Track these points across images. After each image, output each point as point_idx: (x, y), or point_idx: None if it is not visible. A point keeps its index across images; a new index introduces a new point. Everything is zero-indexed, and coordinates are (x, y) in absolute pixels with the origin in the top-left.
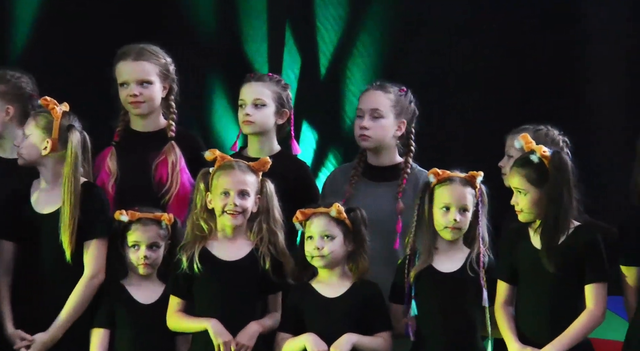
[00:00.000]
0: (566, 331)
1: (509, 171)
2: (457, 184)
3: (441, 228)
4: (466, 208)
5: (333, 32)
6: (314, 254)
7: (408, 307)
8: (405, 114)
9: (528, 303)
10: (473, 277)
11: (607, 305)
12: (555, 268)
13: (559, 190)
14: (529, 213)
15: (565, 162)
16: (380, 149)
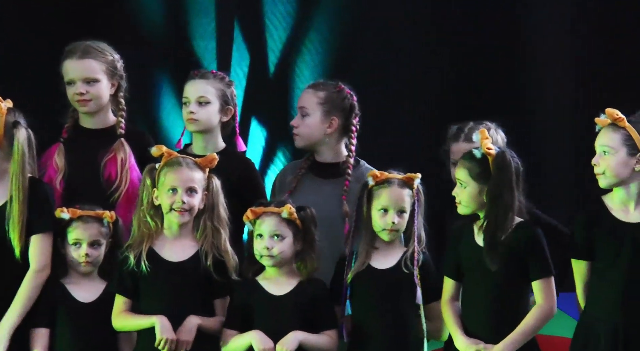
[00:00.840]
0: (518, 328)
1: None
2: (395, 186)
3: (379, 230)
4: (404, 209)
5: (282, 29)
6: (263, 254)
7: (343, 307)
8: (337, 111)
9: (472, 299)
10: (407, 275)
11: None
12: (497, 266)
13: (499, 189)
14: (466, 206)
15: (508, 162)
16: (316, 146)
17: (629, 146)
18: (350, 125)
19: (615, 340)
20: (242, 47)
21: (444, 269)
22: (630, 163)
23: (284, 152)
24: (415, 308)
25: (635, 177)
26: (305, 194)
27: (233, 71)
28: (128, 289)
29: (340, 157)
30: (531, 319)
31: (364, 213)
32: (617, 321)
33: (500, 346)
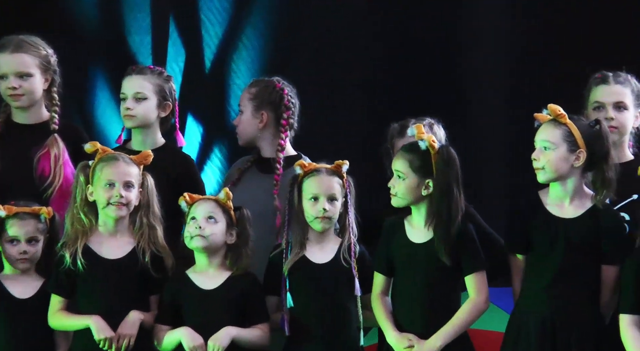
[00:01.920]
0: (450, 321)
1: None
2: (324, 174)
3: (311, 219)
4: (334, 197)
5: (218, 24)
6: (194, 234)
7: (283, 300)
8: (266, 105)
9: (404, 294)
10: (346, 267)
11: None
12: (451, 260)
13: (449, 183)
14: (402, 198)
15: (453, 156)
16: (255, 142)
17: (570, 142)
18: (281, 119)
19: (545, 333)
20: (178, 42)
21: (374, 265)
22: (570, 159)
23: (221, 148)
24: (354, 299)
25: (573, 173)
26: (247, 188)
27: (169, 66)
28: (64, 289)
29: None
30: (464, 313)
31: (295, 204)
32: (546, 314)
33: (432, 339)
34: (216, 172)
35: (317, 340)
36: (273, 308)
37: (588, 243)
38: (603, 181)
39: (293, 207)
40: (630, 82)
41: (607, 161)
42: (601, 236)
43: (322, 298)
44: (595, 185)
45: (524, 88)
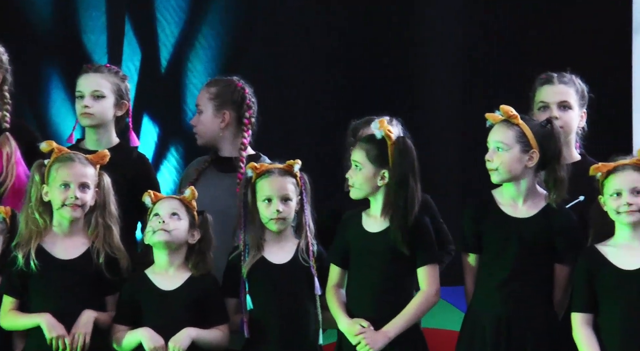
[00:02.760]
0: (402, 313)
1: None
2: (276, 175)
3: (266, 220)
4: (288, 197)
5: (174, 23)
6: (157, 228)
7: (242, 302)
8: (228, 105)
9: (358, 286)
10: (305, 267)
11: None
12: (409, 250)
13: (405, 174)
14: (359, 189)
15: (410, 147)
16: (215, 142)
17: (522, 143)
18: (243, 118)
19: (499, 332)
20: (134, 41)
21: (329, 257)
22: (523, 160)
23: (177, 148)
24: (313, 299)
25: (527, 173)
26: (206, 188)
27: (124, 65)
28: (16, 290)
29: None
30: (415, 304)
31: (250, 206)
32: (501, 313)
33: (383, 330)
34: (172, 172)
35: (276, 341)
36: (232, 310)
37: (541, 243)
38: (555, 181)
39: (248, 209)
40: (575, 82)
41: (559, 161)
42: (554, 235)
43: (281, 298)
44: (548, 184)
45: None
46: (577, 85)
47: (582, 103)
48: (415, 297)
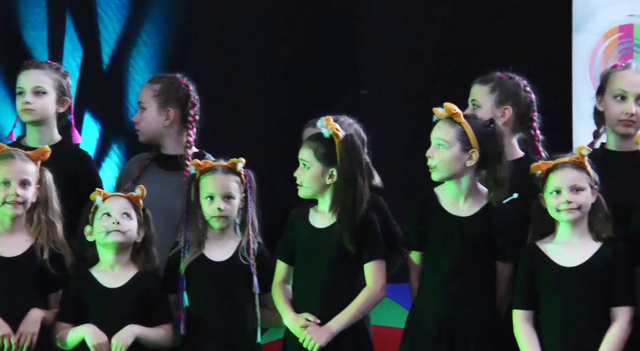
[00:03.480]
0: (347, 308)
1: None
2: (219, 173)
3: (209, 218)
4: (231, 195)
5: (116, 20)
6: (111, 229)
7: (180, 299)
8: (172, 102)
9: (305, 282)
10: (245, 265)
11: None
12: (355, 248)
13: (353, 171)
14: (308, 187)
15: (357, 145)
16: (158, 139)
17: (463, 141)
18: (188, 116)
19: (441, 330)
20: (75, 38)
21: (276, 253)
22: (463, 159)
23: (119, 145)
24: (252, 297)
25: (467, 172)
26: (149, 185)
27: (65, 62)
28: None
29: (183, 149)
30: (360, 300)
31: (193, 203)
32: (443, 311)
33: (327, 325)
34: (115, 169)
35: (214, 338)
36: (173, 306)
37: (482, 241)
38: (495, 181)
39: (190, 205)
40: (500, 83)
41: (500, 161)
42: (494, 233)
43: (218, 296)
44: (488, 184)
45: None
46: (500, 85)
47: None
48: (361, 293)
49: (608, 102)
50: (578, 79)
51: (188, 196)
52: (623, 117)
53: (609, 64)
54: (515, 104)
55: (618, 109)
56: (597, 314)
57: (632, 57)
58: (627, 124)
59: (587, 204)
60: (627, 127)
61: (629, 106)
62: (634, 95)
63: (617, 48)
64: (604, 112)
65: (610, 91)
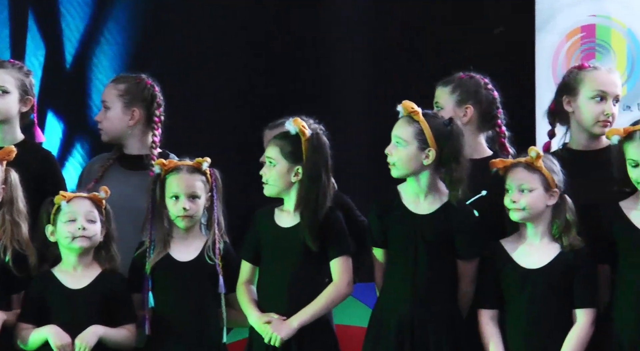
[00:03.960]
0: (311, 303)
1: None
2: (184, 172)
3: (174, 217)
4: (196, 195)
5: (79, 18)
6: (77, 235)
7: (145, 299)
8: (137, 102)
9: (268, 278)
10: (211, 265)
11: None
12: (317, 246)
13: (318, 169)
14: (273, 185)
15: (324, 142)
16: (121, 139)
17: (420, 140)
18: (153, 116)
19: (403, 329)
20: (37, 36)
21: (241, 253)
22: (420, 157)
23: (82, 144)
24: (217, 297)
25: (425, 170)
26: (112, 185)
27: (28, 61)
28: None
29: (147, 149)
30: (324, 296)
31: (158, 203)
32: (404, 310)
33: (291, 319)
34: (78, 168)
35: (179, 339)
36: (136, 306)
37: (442, 239)
38: (452, 180)
39: (156, 205)
40: (460, 83)
41: (457, 161)
42: (453, 232)
43: (184, 296)
44: (446, 183)
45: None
46: (462, 86)
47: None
48: (326, 289)
49: (583, 103)
50: (541, 79)
51: (153, 196)
52: (602, 118)
53: (571, 64)
54: (476, 102)
55: (597, 109)
56: (559, 315)
57: (594, 57)
58: (604, 124)
59: (536, 206)
60: (604, 127)
61: (608, 107)
62: (612, 95)
63: (579, 48)
64: (575, 112)
65: (587, 92)
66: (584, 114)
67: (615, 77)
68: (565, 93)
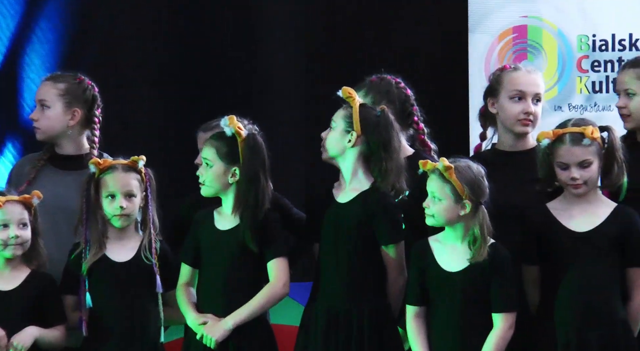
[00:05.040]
0: (247, 304)
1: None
2: (120, 171)
3: (110, 217)
4: (132, 193)
5: (9, 16)
6: (11, 243)
7: (82, 300)
8: (78, 103)
9: (208, 284)
10: (147, 264)
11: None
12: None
13: (254, 170)
14: (209, 186)
15: (260, 143)
16: (57, 138)
17: (348, 123)
18: (93, 116)
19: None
20: None
21: (181, 256)
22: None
23: (15, 144)
24: (155, 297)
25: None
26: (46, 186)
27: None
28: None
29: (82, 150)
30: (260, 296)
31: (92, 202)
32: (331, 304)
33: (226, 319)
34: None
35: (116, 339)
36: (71, 307)
37: (362, 227)
38: (380, 170)
39: (90, 205)
40: (371, 86)
41: (386, 150)
42: (370, 218)
43: (121, 296)
44: (374, 174)
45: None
46: (377, 87)
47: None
48: (262, 289)
49: (504, 104)
50: (474, 79)
51: (87, 196)
52: (522, 117)
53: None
54: (389, 102)
55: (516, 109)
56: (480, 318)
57: (525, 58)
58: (525, 123)
59: (445, 215)
60: (526, 126)
61: (527, 106)
62: (531, 94)
63: (511, 49)
64: (499, 113)
65: (507, 92)
66: (505, 114)
67: (535, 77)
68: (489, 95)
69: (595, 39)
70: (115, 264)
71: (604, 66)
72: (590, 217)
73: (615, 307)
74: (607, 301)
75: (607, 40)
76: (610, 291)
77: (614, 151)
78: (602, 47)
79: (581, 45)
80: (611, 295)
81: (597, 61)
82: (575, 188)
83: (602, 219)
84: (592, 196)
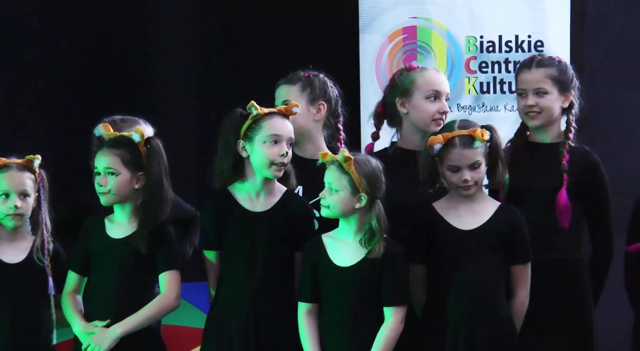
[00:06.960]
0: (136, 313)
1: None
2: (14, 170)
3: (3, 217)
4: (26, 193)
5: None
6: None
7: None
8: None
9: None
10: (40, 266)
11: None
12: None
13: (159, 175)
14: (115, 195)
15: (161, 148)
16: None
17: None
18: None
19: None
20: None
21: (69, 263)
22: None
23: None
24: (47, 299)
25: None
26: None
27: None
28: None
29: None
30: (151, 306)
31: None
32: (245, 308)
33: (113, 327)
34: None
35: (6, 342)
36: None
37: (283, 234)
38: None
39: None
40: (309, 81)
41: None
42: (290, 224)
43: (12, 298)
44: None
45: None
46: (304, 85)
47: (311, 100)
48: (153, 300)
49: (419, 103)
50: (365, 79)
51: None
52: (437, 116)
53: (394, 65)
54: (326, 100)
55: (432, 108)
56: (371, 313)
57: (415, 59)
58: (438, 123)
59: (340, 207)
60: (439, 126)
61: (443, 105)
62: (444, 94)
63: (401, 49)
64: (411, 113)
65: (422, 92)
66: (420, 113)
67: (443, 76)
68: (398, 95)
69: (482, 40)
70: (6, 266)
71: (491, 67)
72: (476, 215)
73: (501, 304)
74: (494, 298)
75: (494, 41)
76: (496, 288)
77: (498, 150)
78: (490, 48)
79: (469, 47)
80: (497, 292)
81: (485, 62)
82: (467, 189)
83: (488, 217)
84: (478, 194)
